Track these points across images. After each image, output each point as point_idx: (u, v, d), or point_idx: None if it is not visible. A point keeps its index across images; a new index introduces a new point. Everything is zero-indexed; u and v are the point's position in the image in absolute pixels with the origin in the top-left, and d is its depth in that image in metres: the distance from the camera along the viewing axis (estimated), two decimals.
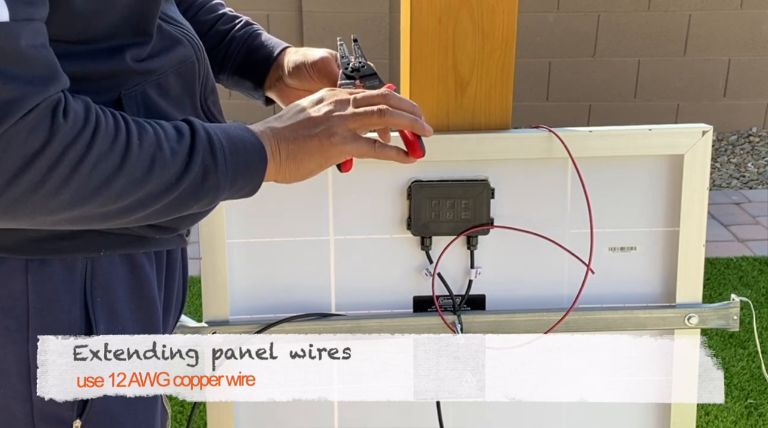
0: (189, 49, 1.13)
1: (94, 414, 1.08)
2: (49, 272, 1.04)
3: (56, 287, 1.04)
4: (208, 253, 1.41)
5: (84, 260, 1.06)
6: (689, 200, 1.43)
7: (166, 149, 0.97)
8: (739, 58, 4.92)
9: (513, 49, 1.39)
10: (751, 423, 2.65)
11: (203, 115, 1.17)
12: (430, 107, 1.40)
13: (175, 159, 0.97)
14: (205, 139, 1.01)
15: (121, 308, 1.09)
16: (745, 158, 4.80)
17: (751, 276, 3.48)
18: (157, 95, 1.08)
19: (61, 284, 1.04)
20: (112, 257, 1.08)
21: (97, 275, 1.07)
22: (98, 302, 1.07)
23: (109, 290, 1.08)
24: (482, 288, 1.47)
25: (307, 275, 1.45)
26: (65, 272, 1.04)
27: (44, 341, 1.04)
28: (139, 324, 1.12)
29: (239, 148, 1.04)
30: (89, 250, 1.05)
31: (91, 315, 1.06)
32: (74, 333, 1.06)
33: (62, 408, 1.06)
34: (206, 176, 1.00)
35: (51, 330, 1.04)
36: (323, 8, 4.69)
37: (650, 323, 1.47)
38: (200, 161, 0.99)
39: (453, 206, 1.41)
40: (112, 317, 1.08)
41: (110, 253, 1.07)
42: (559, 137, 1.38)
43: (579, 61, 4.91)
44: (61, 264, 1.04)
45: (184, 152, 0.98)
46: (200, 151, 0.99)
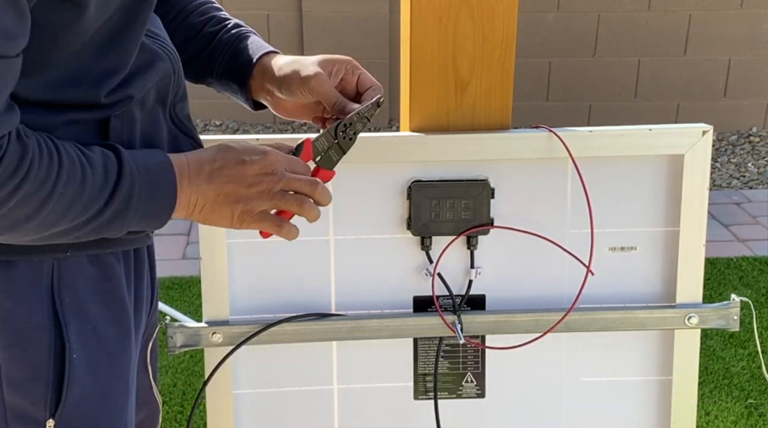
0: (167, 64, 1.14)
1: (67, 413, 1.08)
2: (15, 273, 1.05)
3: (23, 287, 1.05)
4: (208, 253, 1.41)
5: (51, 261, 1.07)
6: (689, 200, 1.43)
7: (86, 196, 0.99)
8: (739, 58, 4.92)
9: (513, 49, 1.39)
10: (751, 423, 2.65)
11: (170, 120, 1.18)
12: (430, 107, 1.40)
13: (90, 207, 1.00)
14: (127, 185, 1.02)
15: (90, 308, 1.10)
16: (745, 158, 4.80)
17: (751, 276, 3.48)
18: (137, 110, 1.10)
19: (27, 285, 1.05)
20: (79, 257, 1.09)
21: (65, 276, 1.07)
22: (66, 302, 1.07)
23: (77, 290, 1.08)
24: (482, 288, 1.47)
25: (307, 275, 1.45)
26: (31, 272, 1.05)
27: None
28: (111, 323, 1.12)
29: (155, 196, 1.05)
30: (55, 251, 1.06)
31: (59, 316, 1.06)
32: (42, 333, 1.06)
33: (34, 407, 1.07)
34: (114, 219, 1.03)
35: (18, 331, 1.05)
36: (323, 8, 4.69)
37: (650, 323, 1.47)
38: (114, 208, 1.02)
39: (453, 206, 1.41)
40: (82, 316, 1.09)
41: (77, 253, 1.08)
42: (560, 137, 1.38)
43: (579, 61, 4.90)
44: (27, 265, 1.05)
45: (102, 202, 1.01)
46: (118, 199, 1.02)
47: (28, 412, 1.07)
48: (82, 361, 1.09)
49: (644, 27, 4.86)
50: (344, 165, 1.40)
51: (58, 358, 1.07)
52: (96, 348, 1.10)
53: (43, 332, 1.06)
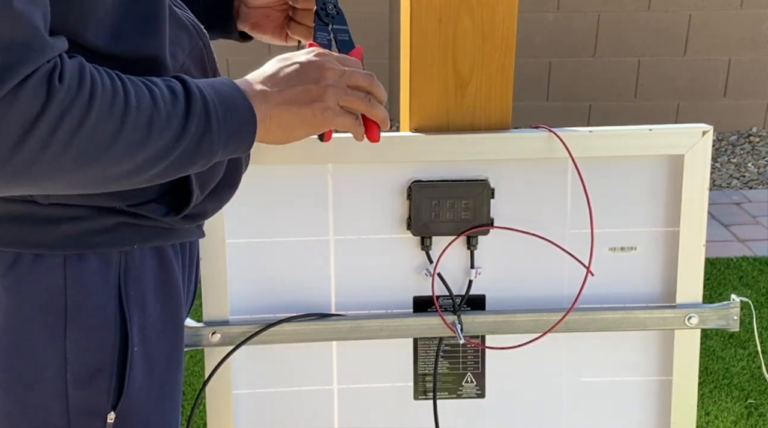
0: (195, 36, 1.13)
1: (127, 406, 1.08)
2: (86, 267, 1.04)
3: (93, 282, 1.05)
4: (208, 253, 1.41)
5: (119, 255, 1.06)
6: (689, 200, 1.43)
7: (163, 111, 0.96)
8: (739, 58, 4.92)
9: (513, 49, 1.39)
10: (751, 423, 2.65)
11: None
12: (430, 107, 1.40)
13: (171, 122, 0.96)
14: (200, 101, 0.99)
15: (150, 301, 1.10)
16: (745, 158, 4.80)
17: (751, 276, 3.48)
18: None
19: (97, 278, 1.05)
20: (144, 250, 1.09)
21: (131, 269, 1.07)
22: (131, 295, 1.07)
23: (140, 283, 1.08)
24: (482, 288, 1.47)
25: (307, 275, 1.45)
26: (102, 266, 1.05)
27: None
28: (164, 316, 1.12)
29: (231, 110, 1.02)
30: (123, 244, 1.06)
31: (125, 309, 1.06)
32: (109, 326, 1.06)
33: (97, 401, 1.07)
34: (202, 138, 0.99)
35: (87, 324, 1.05)
36: None
37: (650, 323, 1.47)
38: (196, 123, 0.98)
39: (453, 206, 1.41)
40: (143, 310, 1.09)
41: (142, 246, 1.08)
42: (560, 137, 1.38)
43: (579, 61, 4.91)
44: (98, 259, 1.05)
45: (180, 114, 0.97)
46: (196, 114, 0.98)
47: (90, 405, 1.07)
48: (141, 354, 1.09)
49: (644, 27, 4.86)
50: (344, 165, 1.40)
51: (121, 351, 1.07)
52: (154, 342, 1.11)
53: (110, 325, 1.06)
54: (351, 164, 1.41)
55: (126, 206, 1.05)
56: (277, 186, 1.41)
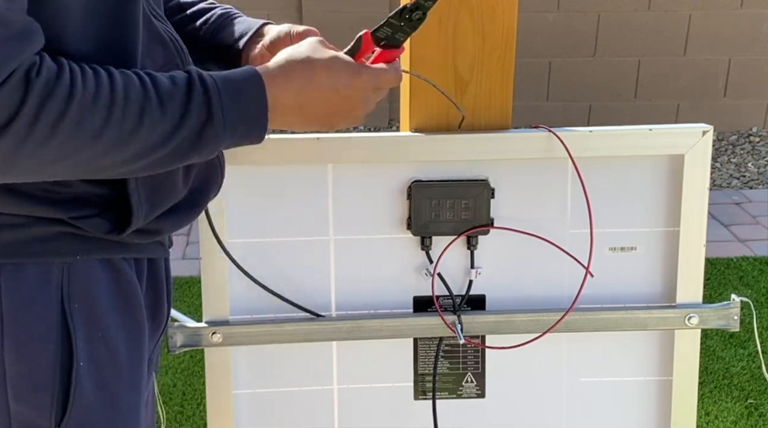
0: (172, 51, 1.12)
1: (72, 423, 1.05)
2: (24, 277, 1.01)
3: (31, 292, 1.01)
4: (208, 253, 1.41)
5: (61, 265, 1.03)
6: (689, 200, 1.43)
7: (155, 102, 0.96)
8: (739, 58, 4.92)
9: (513, 49, 1.39)
10: (751, 423, 2.65)
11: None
12: (430, 107, 1.40)
13: (166, 112, 0.96)
14: (200, 90, 0.99)
15: (102, 315, 1.06)
16: (745, 157, 4.80)
17: (751, 276, 3.48)
18: None
19: (36, 289, 1.02)
20: (91, 261, 1.05)
21: (75, 281, 1.04)
22: (76, 308, 1.04)
23: (89, 296, 1.05)
24: (482, 288, 1.47)
25: (307, 275, 1.45)
26: (41, 277, 1.02)
27: None
28: (123, 331, 1.09)
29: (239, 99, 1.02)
30: (64, 254, 1.03)
31: (69, 322, 1.03)
32: (50, 339, 1.03)
33: (40, 416, 1.04)
34: (204, 128, 0.99)
35: (25, 336, 1.02)
36: (323, 8, 4.69)
37: (650, 323, 1.47)
38: (196, 113, 0.98)
39: (453, 206, 1.41)
40: (92, 323, 1.05)
41: (87, 257, 1.05)
42: (559, 137, 1.38)
43: (579, 61, 4.90)
44: (37, 269, 1.02)
45: (177, 104, 0.97)
46: (195, 103, 0.98)
47: (32, 421, 1.04)
48: (90, 370, 1.05)
49: (644, 27, 4.85)
50: (344, 165, 1.40)
51: (64, 367, 1.04)
52: (105, 357, 1.07)
53: (51, 338, 1.03)
54: (351, 164, 1.41)
55: (68, 218, 1.03)
56: (277, 186, 1.41)
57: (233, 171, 1.38)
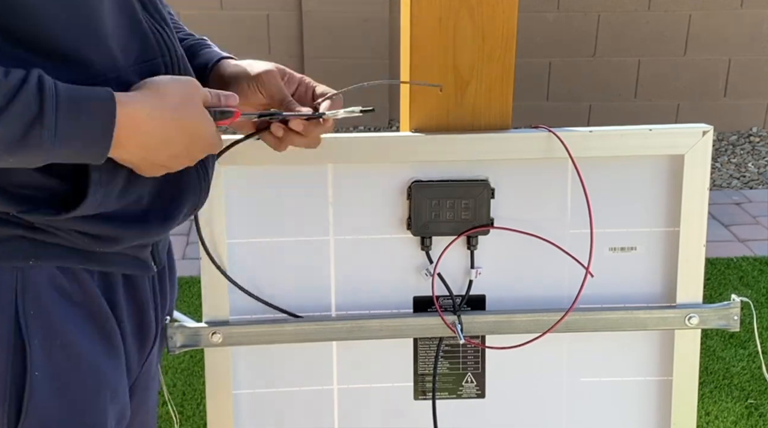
0: (154, 51, 1.07)
1: (29, 423, 1.02)
2: None
3: None
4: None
5: (13, 270, 1.00)
6: (689, 200, 1.43)
7: None
8: (739, 58, 4.92)
9: (513, 49, 1.39)
10: (751, 423, 2.65)
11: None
12: (430, 107, 1.40)
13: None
14: (34, 89, 0.91)
15: (62, 323, 1.03)
16: (745, 157, 4.80)
17: (751, 276, 3.48)
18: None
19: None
20: (49, 269, 1.03)
21: (31, 287, 1.01)
22: (32, 315, 1.01)
23: (47, 304, 1.02)
24: (482, 288, 1.47)
25: (307, 275, 1.45)
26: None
27: None
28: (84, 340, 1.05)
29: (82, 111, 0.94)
30: (18, 258, 1.00)
31: (22, 330, 1.00)
32: (2, 347, 1.00)
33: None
34: (30, 127, 0.91)
35: None
36: (323, 8, 4.69)
37: (651, 323, 1.47)
38: (20, 109, 0.90)
39: (453, 206, 1.41)
40: (50, 332, 1.02)
41: (40, 263, 1.02)
42: (559, 137, 1.38)
43: (579, 61, 4.91)
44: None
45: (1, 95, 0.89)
46: (22, 100, 0.90)
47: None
48: (46, 379, 1.02)
49: (644, 27, 4.86)
50: (344, 165, 1.40)
51: (18, 376, 1.01)
52: (65, 367, 1.04)
53: (3, 346, 1.00)
54: (351, 164, 1.41)
55: (17, 212, 0.99)
56: (277, 186, 1.41)
57: (233, 171, 1.38)
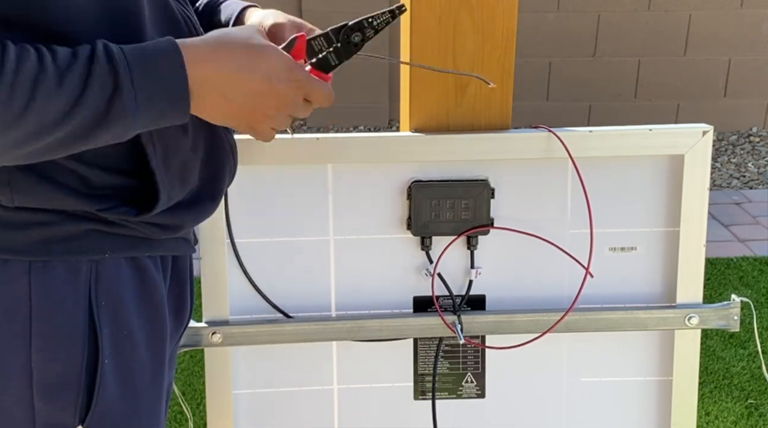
0: (183, 32, 1.08)
1: (95, 420, 1.05)
2: (53, 274, 1.01)
3: (60, 290, 1.01)
4: (208, 253, 1.41)
5: (89, 263, 1.03)
6: (689, 200, 1.43)
7: (51, 74, 0.88)
8: (739, 58, 4.92)
9: (513, 49, 1.39)
10: (751, 423, 2.65)
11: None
12: (430, 107, 1.40)
13: (62, 84, 0.89)
14: (104, 61, 0.90)
15: (127, 313, 1.06)
16: (745, 157, 4.80)
17: (751, 276, 3.48)
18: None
19: (64, 287, 1.01)
20: (118, 259, 1.05)
21: (102, 279, 1.04)
22: (103, 306, 1.04)
23: (115, 294, 1.05)
24: (482, 288, 1.47)
25: (307, 275, 1.45)
26: (69, 274, 1.02)
27: None
28: (145, 329, 1.09)
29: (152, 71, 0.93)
30: (94, 252, 1.03)
31: (95, 320, 1.03)
32: (77, 337, 1.03)
33: (64, 413, 1.04)
34: (111, 101, 0.91)
35: (54, 334, 1.02)
36: (323, 8, 4.69)
37: (651, 323, 1.47)
38: (99, 85, 0.90)
39: (453, 206, 1.41)
40: (118, 321, 1.05)
41: (115, 255, 1.04)
42: (559, 137, 1.38)
43: (579, 61, 4.91)
44: (65, 266, 1.01)
45: (76, 76, 0.89)
46: (97, 74, 0.90)
47: (57, 418, 1.04)
48: (114, 367, 1.05)
49: (644, 27, 4.86)
50: (344, 165, 1.40)
51: (90, 364, 1.03)
52: (129, 355, 1.07)
53: (78, 336, 1.02)
54: (351, 164, 1.41)
55: (96, 210, 1.01)
56: (277, 186, 1.41)
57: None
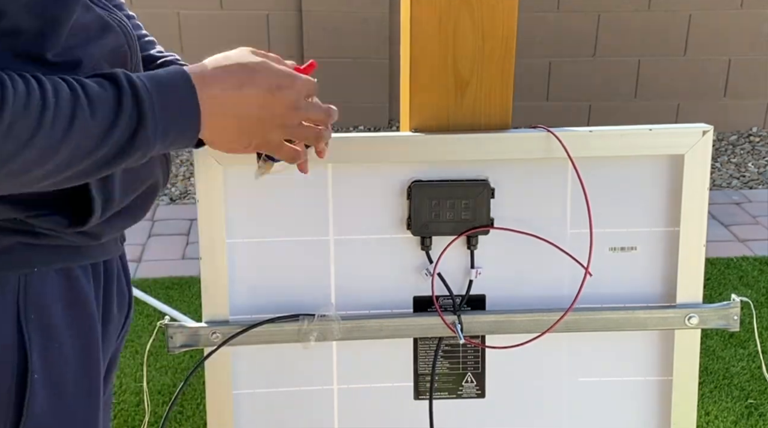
0: (120, 37, 1.08)
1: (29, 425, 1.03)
2: None
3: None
4: (208, 253, 1.41)
5: (17, 277, 1.02)
6: (689, 200, 1.43)
7: (85, 105, 0.93)
8: (739, 58, 4.92)
9: (513, 49, 1.39)
10: (751, 423, 2.65)
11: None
12: (430, 107, 1.40)
13: (96, 117, 0.93)
14: (129, 94, 0.96)
15: (57, 326, 1.05)
16: (745, 157, 4.80)
17: (751, 276, 3.48)
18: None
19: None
20: (47, 272, 1.04)
21: (31, 292, 1.02)
22: (32, 319, 1.02)
23: (44, 307, 1.04)
24: (482, 288, 1.47)
25: (307, 275, 1.45)
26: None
27: None
28: (78, 341, 1.08)
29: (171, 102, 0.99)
30: (22, 266, 1.02)
31: (24, 334, 1.02)
32: (6, 353, 1.01)
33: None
34: (136, 132, 0.96)
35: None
36: (323, 8, 4.69)
37: (650, 323, 1.47)
38: (128, 116, 0.95)
39: (453, 206, 1.41)
40: (48, 335, 1.04)
41: (44, 268, 1.03)
42: (558, 138, 1.38)
43: (579, 61, 4.91)
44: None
45: (107, 108, 0.94)
46: (126, 107, 0.95)
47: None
48: (45, 381, 1.04)
49: (644, 27, 4.86)
50: (344, 165, 1.40)
51: (20, 378, 1.02)
52: (61, 368, 1.06)
53: (8, 350, 1.01)
54: (351, 164, 1.41)
55: (25, 217, 1.00)
56: (277, 186, 1.41)
57: (233, 171, 1.38)
